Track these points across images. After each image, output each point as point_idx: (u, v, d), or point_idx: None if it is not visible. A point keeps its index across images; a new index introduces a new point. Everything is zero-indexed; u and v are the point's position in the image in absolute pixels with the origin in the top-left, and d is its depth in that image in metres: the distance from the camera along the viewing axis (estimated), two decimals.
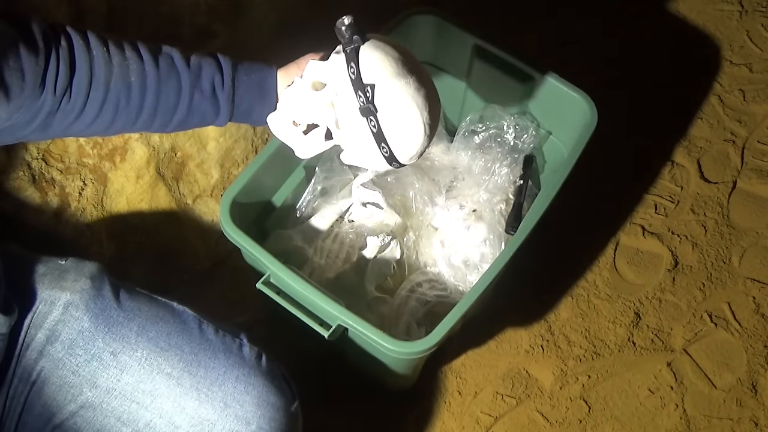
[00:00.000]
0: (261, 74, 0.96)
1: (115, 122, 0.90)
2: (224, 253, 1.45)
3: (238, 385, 0.94)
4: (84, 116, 0.87)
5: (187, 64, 0.91)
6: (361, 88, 0.90)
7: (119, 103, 0.88)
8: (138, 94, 0.89)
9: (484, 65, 1.35)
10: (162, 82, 0.90)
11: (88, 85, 0.85)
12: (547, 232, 1.22)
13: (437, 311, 1.26)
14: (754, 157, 1.72)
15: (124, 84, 0.87)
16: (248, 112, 0.97)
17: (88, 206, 1.19)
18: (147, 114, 0.91)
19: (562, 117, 1.33)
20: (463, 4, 1.64)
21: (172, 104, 0.91)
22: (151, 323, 0.95)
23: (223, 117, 0.96)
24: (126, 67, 0.87)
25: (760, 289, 1.55)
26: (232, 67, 0.94)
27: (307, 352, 1.41)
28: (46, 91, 0.83)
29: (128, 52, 0.88)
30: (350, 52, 0.90)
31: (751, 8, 1.94)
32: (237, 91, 0.95)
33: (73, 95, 0.85)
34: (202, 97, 0.92)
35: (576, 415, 1.41)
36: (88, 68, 0.85)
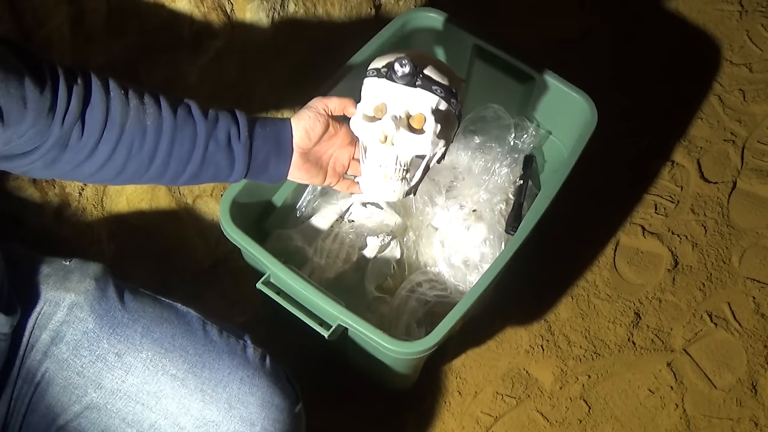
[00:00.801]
0: (276, 126, 0.96)
1: (126, 168, 0.89)
2: (224, 253, 1.45)
3: (243, 387, 0.94)
4: (95, 156, 0.86)
5: (203, 114, 0.91)
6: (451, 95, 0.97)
7: (133, 146, 0.87)
8: (153, 139, 0.88)
9: (484, 65, 1.35)
10: (178, 128, 0.89)
11: (102, 122, 0.85)
12: (547, 232, 1.22)
13: (437, 311, 1.26)
14: (754, 157, 1.72)
15: (139, 127, 0.87)
16: (265, 164, 0.96)
17: (88, 206, 1.19)
18: (160, 161, 0.90)
19: (562, 117, 1.33)
20: (464, 4, 1.64)
21: (186, 153, 0.90)
22: (156, 324, 0.95)
23: (238, 170, 0.95)
24: (143, 111, 0.87)
25: (760, 289, 1.55)
26: (248, 119, 0.94)
27: (308, 352, 1.41)
28: (54, 123, 0.82)
29: (146, 97, 0.88)
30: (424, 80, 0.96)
31: (751, 8, 1.94)
32: (254, 143, 0.94)
33: (86, 131, 0.84)
34: (218, 147, 0.92)
35: (576, 415, 1.41)
36: (104, 106, 0.85)
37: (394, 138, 0.95)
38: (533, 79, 1.32)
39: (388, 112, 0.96)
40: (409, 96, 0.96)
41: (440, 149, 0.99)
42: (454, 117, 0.99)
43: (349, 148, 1.03)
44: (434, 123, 0.96)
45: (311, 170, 1.01)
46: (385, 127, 0.95)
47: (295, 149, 0.97)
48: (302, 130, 0.97)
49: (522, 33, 1.75)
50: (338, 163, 1.03)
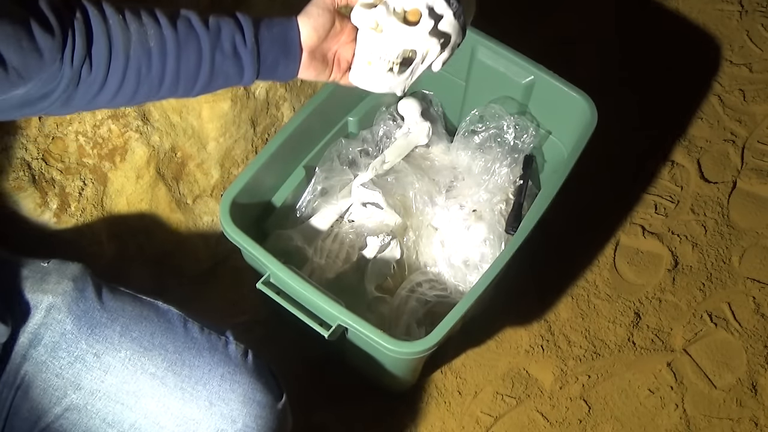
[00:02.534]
0: (282, 27, 0.93)
1: (138, 91, 0.88)
2: (224, 253, 1.45)
3: (224, 383, 0.94)
4: (107, 87, 0.85)
5: (205, 26, 0.88)
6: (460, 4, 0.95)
7: (140, 70, 0.86)
8: (158, 60, 0.86)
9: (484, 65, 1.35)
10: (181, 45, 0.87)
11: (107, 54, 0.83)
12: (547, 232, 1.22)
13: (437, 311, 1.26)
14: (754, 157, 1.72)
15: (143, 51, 0.85)
16: (274, 67, 0.94)
17: (88, 206, 1.19)
18: (170, 80, 0.88)
19: (562, 117, 1.33)
20: None
21: (193, 68, 0.89)
22: (135, 323, 0.95)
23: (248, 76, 0.93)
24: (144, 33, 0.85)
25: (760, 289, 1.55)
26: (253, 24, 0.91)
27: (307, 352, 1.41)
28: (64, 64, 0.81)
29: (145, 18, 0.86)
30: None
31: (751, 8, 1.94)
32: (261, 48, 0.91)
33: (94, 66, 0.83)
34: (224, 57, 0.90)
35: (576, 415, 1.41)
36: (106, 38, 0.83)
37: (384, 26, 0.94)
38: (533, 79, 1.32)
39: (385, 1, 0.94)
40: None
41: (433, 49, 0.96)
42: (452, 19, 0.96)
43: (352, 45, 0.99)
44: (428, 18, 0.94)
45: (318, 67, 0.97)
46: (377, 15, 0.94)
47: (304, 48, 0.94)
48: (310, 28, 0.94)
49: (522, 33, 1.75)
50: (342, 58, 1.00)
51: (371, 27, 0.94)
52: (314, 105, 1.25)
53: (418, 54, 0.96)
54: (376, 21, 0.94)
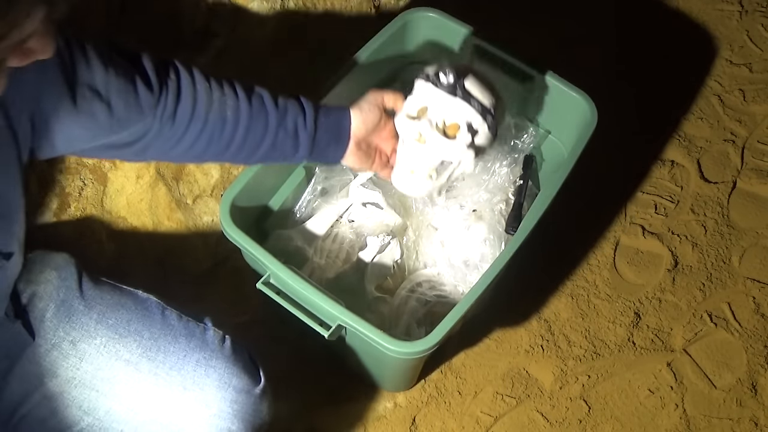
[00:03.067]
0: (337, 116, 1.03)
1: (206, 152, 0.96)
2: (224, 253, 1.45)
3: (198, 369, 0.94)
4: (181, 144, 0.93)
5: (275, 104, 0.98)
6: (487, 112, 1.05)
7: (214, 134, 0.94)
8: (231, 128, 0.95)
9: (484, 65, 1.35)
10: (253, 118, 0.96)
11: (190, 115, 0.92)
12: (547, 232, 1.22)
13: (437, 311, 1.26)
14: (754, 157, 1.72)
15: (221, 117, 0.94)
16: (324, 150, 1.03)
17: (88, 206, 1.19)
18: (235, 147, 0.97)
19: (562, 117, 1.33)
20: (463, 4, 1.64)
21: (258, 139, 0.97)
22: (112, 311, 0.96)
23: (301, 154, 1.02)
24: (224, 102, 0.94)
25: (760, 289, 1.55)
26: (314, 109, 1.01)
27: (308, 352, 1.41)
28: (155, 119, 0.89)
29: (227, 88, 0.95)
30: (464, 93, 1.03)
31: (751, 8, 1.94)
32: (317, 132, 1.01)
33: (176, 124, 0.91)
34: (286, 135, 0.99)
35: (576, 415, 1.41)
36: (192, 101, 0.92)
37: (427, 139, 1.03)
38: (533, 79, 1.32)
39: (428, 115, 1.04)
40: (449, 104, 1.03)
41: (468, 160, 1.06)
42: (487, 132, 1.06)
43: (393, 141, 1.08)
44: (466, 133, 1.04)
45: (362, 157, 1.07)
46: (421, 128, 1.03)
47: (352, 137, 1.03)
48: (360, 121, 1.03)
49: (522, 33, 1.75)
50: (383, 152, 1.09)
51: (415, 138, 1.04)
52: None
53: (454, 163, 1.05)
54: (420, 133, 1.03)
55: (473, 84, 1.04)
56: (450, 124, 1.04)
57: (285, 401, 1.39)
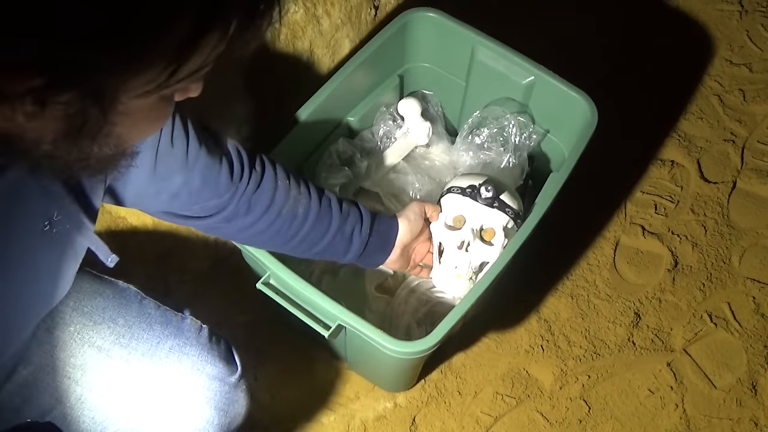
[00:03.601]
0: (387, 225, 1.09)
1: (270, 241, 1.01)
2: (224, 253, 1.45)
3: (171, 355, 0.94)
4: (250, 230, 0.97)
5: (340, 209, 1.04)
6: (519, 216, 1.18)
7: (282, 228, 0.99)
8: (299, 225, 1.00)
9: (484, 65, 1.35)
10: (318, 219, 1.01)
11: (266, 207, 0.96)
12: (547, 231, 1.22)
13: (437, 311, 1.26)
14: (754, 157, 1.72)
15: (292, 214, 0.99)
16: (371, 255, 1.09)
17: None
18: (296, 241, 1.01)
19: (562, 117, 1.33)
20: (463, 4, 1.64)
21: (318, 239, 1.02)
22: (88, 298, 0.95)
23: (350, 257, 1.07)
24: (298, 200, 0.99)
25: (760, 289, 1.55)
26: (371, 218, 1.07)
27: (308, 352, 1.41)
28: (231, 201, 0.93)
29: (302, 188, 1.00)
30: (500, 203, 1.17)
31: (751, 8, 1.94)
32: (370, 239, 1.07)
33: (251, 212, 0.95)
34: (342, 238, 1.04)
35: (576, 415, 1.41)
36: (271, 194, 0.96)
37: (470, 246, 1.15)
38: (533, 78, 1.32)
39: (467, 224, 1.16)
40: (486, 214, 1.17)
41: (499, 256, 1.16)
42: (516, 229, 1.19)
43: (427, 244, 1.17)
44: (503, 238, 1.16)
45: (403, 261, 1.14)
46: (464, 236, 1.15)
47: (397, 244, 1.11)
48: (407, 230, 1.11)
49: (522, 33, 1.75)
50: (418, 254, 1.17)
51: (457, 245, 1.15)
52: (314, 105, 1.25)
53: (490, 263, 1.15)
54: (462, 241, 1.15)
55: (507, 196, 1.18)
56: (487, 229, 1.17)
57: (285, 401, 1.40)
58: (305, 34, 1.34)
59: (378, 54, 1.31)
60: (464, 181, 1.20)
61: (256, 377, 1.39)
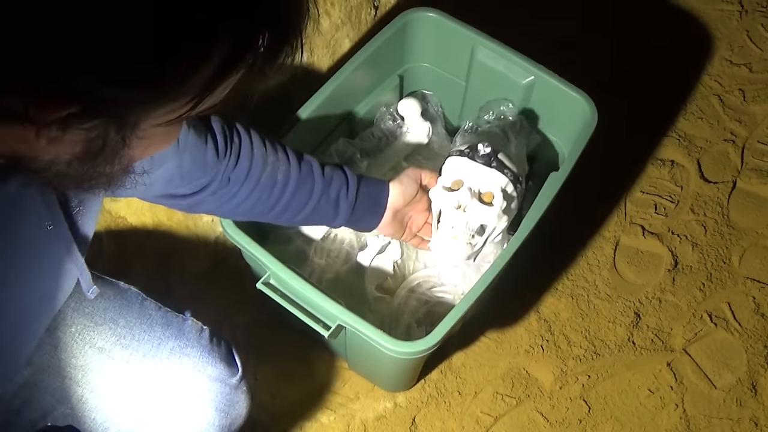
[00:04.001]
0: (377, 189, 1.09)
1: (252, 211, 1.00)
2: (224, 253, 1.45)
3: (172, 356, 0.95)
4: (230, 202, 0.97)
5: (322, 173, 1.03)
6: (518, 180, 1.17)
7: (262, 196, 0.99)
8: (279, 192, 0.99)
9: (484, 65, 1.35)
10: (300, 185, 1.01)
11: (244, 177, 0.96)
12: (548, 232, 1.22)
13: (437, 311, 1.26)
14: (754, 157, 1.72)
15: (271, 181, 0.98)
16: (360, 219, 1.09)
17: None
18: (280, 208, 1.01)
19: (562, 117, 1.33)
20: (463, 4, 1.64)
21: (302, 204, 1.02)
22: (89, 299, 0.94)
23: (338, 221, 1.07)
24: (277, 167, 0.98)
25: (760, 289, 1.55)
26: (357, 181, 1.06)
27: (308, 352, 1.41)
28: (215, 178, 0.93)
29: (280, 153, 0.99)
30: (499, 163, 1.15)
31: (751, 8, 1.94)
32: (357, 201, 1.06)
33: (231, 184, 0.95)
34: (327, 202, 1.04)
35: (576, 415, 1.41)
36: (248, 164, 0.96)
37: (467, 206, 1.13)
38: (533, 79, 1.32)
39: (465, 185, 1.14)
40: (484, 174, 1.14)
41: (502, 224, 1.15)
42: (515, 199, 1.17)
43: (425, 213, 1.16)
44: (501, 200, 1.14)
45: (396, 227, 1.13)
46: (461, 197, 1.13)
47: (388, 209, 1.10)
48: (398, 193, 1.10)
49: (522, 33, 1.75)
50: (414, 223, 1.16)
51: (455, 206, 1.13)
52: (314, 105, 1.25)
53: (488, 227, 1.14)
54: (459, 202, 1.13)
55: (505, 156, 1.16)
56: (486, 191, 1.14)
57: (285, 401, 1.40)
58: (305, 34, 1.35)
59: (378, 54, 1.31)
60: (464, 143, 1.20)
61: (256, 377, 1.39)
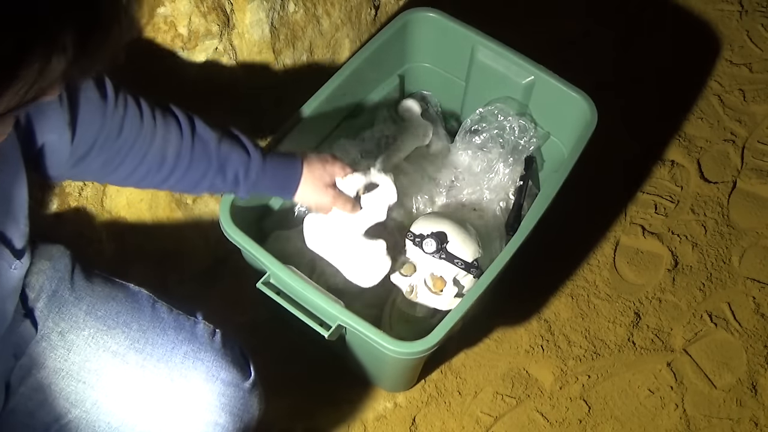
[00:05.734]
0: (286, 173, 1.06)
1: (143, 182, 0.97)
2: (224, 253, 1.45)
3: (186, 361, 0.94)
4: (115, 174, 0.94)
5: (218, 153, 0.99)
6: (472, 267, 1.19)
7: (150, 170, 0.96)
8: (168, 169, 0.96)
9: (484, 65, 1.35)
10: (193, 163, 0.97)
11: (127, 151, 0.92)
12: (547, 232, 1.22)
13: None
14: (754, 157, 1.72)
15: (160, 158, 0.95)
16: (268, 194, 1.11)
17: (88, 206, 1.19)
18: (170, 185, 0.99)
19: (562, 117, 1.33)
20: (463, 4, 1.64)
21: (195, 181, 0.99)
22: (102, 302, 0.96)
23: (242, 195, 1.06)
24: (166, 142, 0.95)
25: (760, 289, 1.55)
26: (260, 160, 1.03)
27: (308, 352, 1.41)
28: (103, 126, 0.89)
29: (173, 128, 0.96)
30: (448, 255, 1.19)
31: (751, 8, 1.94)
32: (258, 182, 1.04)
33: (112, 153, 0.92)
34: (224, 182, 1.01)
35: (576, 415, 1.41)
36: (133, 137, 0.92)
37: (418, 294, 1.19)
38: (533, 79, 1.32)
39: (417, 272, 1.19)
40: (434, 264, 1.19)
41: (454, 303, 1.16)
42: (472, 279, 1.20)
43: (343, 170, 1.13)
44: (452, 287, 1.18)
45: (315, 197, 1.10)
46: (412, 283, 1.19)
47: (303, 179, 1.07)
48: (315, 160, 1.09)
49: (522, 33, 1.75)
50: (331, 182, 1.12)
51: (407, 292, 1.19)
52: (314, 105, 1.25)
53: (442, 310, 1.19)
54: (412, 289, 1.19)
55: (456, 245, 1.19)
56: (436, 279, 1.19)
57: (285, 401, 1.40)
58: (305, 34, 1.34)
59: (378, 54, 1.31)
60: (420, 225, 1.22)
61: None
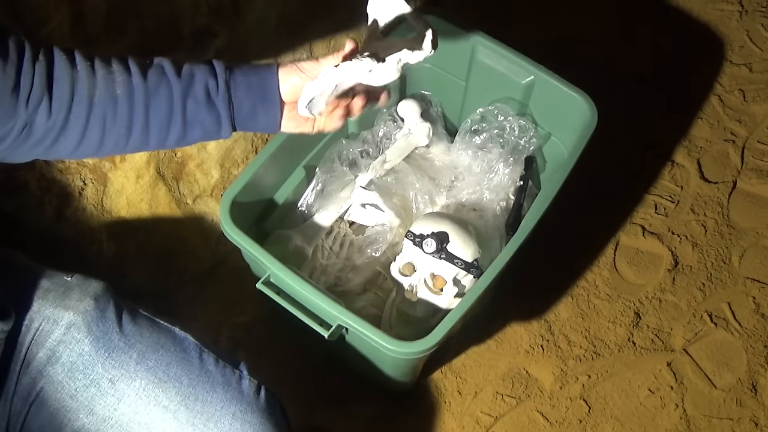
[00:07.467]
0: (260, 75, 0.90)
1: (105, 141, 0.85)
2: (224, 253, 1.45)
3: (235, 422, 0.92)
4: (68, 134, 0.83)
5: (177, 73, 0.86)
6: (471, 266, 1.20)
7: (106, 118, 0.84)
8: (126, 108, 0.84)
9: (484, 65, 1.35)
10: (150, 93, 0.85)
11: (69, 99, 0.81)
12: (547, 232, 1.22)
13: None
14: (754, 157, 1.72)
15: (109, 98, 0.83)
16: (252, 116, 0.90)
17: (88, 206, 1.19)
18: (138, 129, 0.86)
19: (562, 117, 1.33)
20: (464, 4, 1.64)
21: (164, 116, 0.86)
22: (152, 351, 0.93)
23: (225, 126, 0.89)
24: (111, 80, 0.83)
25: (760, 289, 1.55)
26: (225, 69, 0.88)
27: (308, 353, 1.41)
28: (19, 104, 0.78)
29: (115, 65, 0.84)
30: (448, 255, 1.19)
31: (751, 8, 1.94)
32: (234, 93, 0.88)
33: (54, 110, 0.81)
34: (197, 105, 0.87)
35: (576, 415, 1.41)
36: (69, 82, 0.81)
37: (418, 293, 1.20)
38: (533, 79, 1.32)
39: (417, 272, 1.20)
40: (435, 263, 1.19)
41: (454, 303, 1.18)
42: (472, 279, 1.20)
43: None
44: (452, 287, 1.19)
45: (300, 119, 0.93)
46: (412, 282, 1.20)
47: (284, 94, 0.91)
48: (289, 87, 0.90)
49: (522, 33, 1.75)
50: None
51: (407, 292, 1.21)
52: None
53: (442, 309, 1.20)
54: (412, 288, 1.21)
55: (456, 245, 1.19)
56: (437, 278, 1.20)
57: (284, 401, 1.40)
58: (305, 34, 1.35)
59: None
60: (420, 225, 1.23)
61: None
